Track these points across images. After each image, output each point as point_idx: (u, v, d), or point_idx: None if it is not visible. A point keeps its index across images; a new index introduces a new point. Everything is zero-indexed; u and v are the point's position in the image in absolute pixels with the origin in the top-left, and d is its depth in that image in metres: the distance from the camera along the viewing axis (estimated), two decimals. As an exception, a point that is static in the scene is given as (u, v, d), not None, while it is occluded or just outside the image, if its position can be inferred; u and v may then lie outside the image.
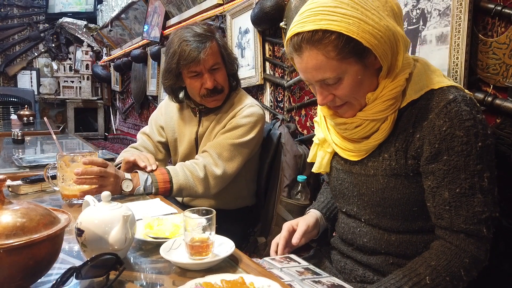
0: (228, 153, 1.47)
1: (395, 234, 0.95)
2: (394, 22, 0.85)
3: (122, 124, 5.26)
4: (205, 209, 0.84)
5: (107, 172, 1.23)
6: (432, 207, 0.87)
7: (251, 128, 1.51)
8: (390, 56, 0.86)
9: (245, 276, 0.73)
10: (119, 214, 0.79)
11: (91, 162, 1.21)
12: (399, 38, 0.85)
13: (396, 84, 0.88)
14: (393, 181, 0.92)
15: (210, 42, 1.46)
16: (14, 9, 6.02)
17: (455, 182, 0.83)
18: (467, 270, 0.83)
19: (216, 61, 1.48)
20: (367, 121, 0.91)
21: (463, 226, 0.83)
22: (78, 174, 1.17)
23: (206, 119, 1.60)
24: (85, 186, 1.21)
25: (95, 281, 0.73)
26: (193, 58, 1.43)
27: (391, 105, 0.89)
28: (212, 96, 1.51)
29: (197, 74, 1.48)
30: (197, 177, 1.41)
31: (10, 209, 0.65)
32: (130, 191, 1.29)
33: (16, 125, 3.75)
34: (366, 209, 0.99)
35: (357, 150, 0.96)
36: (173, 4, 3.11)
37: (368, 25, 0.81)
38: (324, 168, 1.10)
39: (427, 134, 0.85)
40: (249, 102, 1.56)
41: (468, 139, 0.82)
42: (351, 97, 0.91)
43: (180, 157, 1.67)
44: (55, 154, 2.05)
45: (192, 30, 1.47)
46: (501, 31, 1.05)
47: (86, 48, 5.78)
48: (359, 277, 1.01)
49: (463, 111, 0.82)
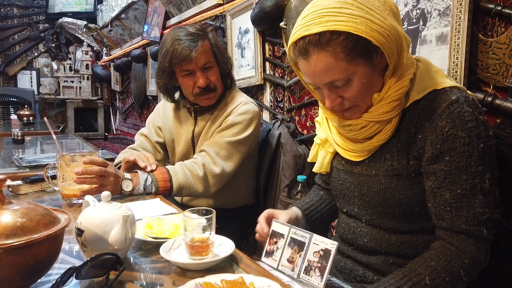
0: (225, 152, 1.48)
1: (396, 235, 0.95)
2: (395, 21, 0.85)
3: (122, 124, 5.26)
4: (205, 209, 0.84)
5: (107, 172, 1.23)
6: (433, 208, 0.87)
7: (247, 125, 1.52)
8: (396, 54, 0.86)
9: (245, 276, 0.73)
10: (119, 214, 0.79)
11: (91, 161, 1.21)
12: (402, 36, 0.85)
13: (402, 85, 0.88)
14: (394, 182, 0.92)
15: (202, 40, 1.47)
16: (14, 9, 6.02)
17: (456, 183, 0.83)
18: (467, 271, 0.83)
19: (208, 59, 1.49)
20: (372, 123, 0.91)
21: (463, 227, 0.83)
22: (78, 173, 1.18)
23: (201, 119, 1.61)
24: (85, 185, 1.21)
25: (95, 281, 0.73)
26: (184, 56, 1.44)
27: (396, 106, 0.88)
28: (205, 94, 1.52)
29: (189, 72, 1.49)
30: (196, 176, 1.42)
31: (10, 209, 0.65)
32: (130, 190, 1.29)
33: (16, 125, 3.75)
34: (367, 210, 0.98)
35: (360, 151, 0.96)
36: (173, 4, 3.11)
37: (375, 24, 0.81)
38: (325, 168, 1.10)
39: (429, 135, 0.85)
40: (244, 100, 1.57)
41: (470, 140, 0.82)
42: (360, 99, 0.89)
43: (178, 157, 1.68)
44: (55, 154, 2.05)
45: (185, 30, 1.49)
46: (501, 31, 1.05)
47: (86, 48, 5.78)
48: (359, 277, 1.01)
49: (465, 112, 0.82)
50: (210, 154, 1.46)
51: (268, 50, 2.07)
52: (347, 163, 1.02)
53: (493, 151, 0.84)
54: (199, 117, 1.62)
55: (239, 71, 2.29)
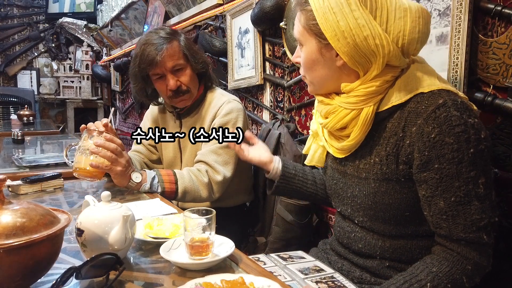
0: (222, 157, 1.49)
1: (389, 240, 0.94)
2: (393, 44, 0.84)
3: (122, 124, 5.26)
4: (205, 209, 0.84)
5: (122, 154, 1.28)
6: (429, 216, 0.85)
7: (234, 124, 1.53)
8: (359, 59, 0.86)
9: (245, 276, 0.73)
10: (119, 214, 0.79)
11: (111, 139, 1.26)
12: (378, 53, 0.84)
13: (372, 84, 0.87)
14: (384, 186, 0.90)
15: (169, 44, 1.48)
16: (14, 9, 6.02)
17: (449, 191, 0.81)
18: (469, 277, 0.82)
19: (176, 62, 1.49)
20: (341, 108, 0.91)
21: (462, 235, 0.81)
22: (97, 144, 1.23)
23: (185, 122, 1.63)
24: (99, 160, 1.23)
25: (95, 281, 0.73)
26: (150, 60, 1.45)
27: (361, 101, 0.88)
28: (178, 96, 1.53)
29: (160, 76, 1.51)
30: (201, 181, 1.43)
31: (10, 209, 0.65)
32: (137, 184, 1.31)
33: (16, 125, 3.74)
34: (359, 211, 0.98)
35: (340, 149, 0.97)
36: (173, 4, 3.10)
37: (338, 22, 0.83)
38: (315, 161, 1.11)
39: (416, 141, 0.83)
40: (225, 99, 1.57)
41: (459, 146, 0.79)
42: (306, 71, 0.96)
43: (166, 161, 1.69)
44: (55, 154, 2.05)
45: (156, 34, 1.51)
46: (501, 31, 1.05)
47: (86, 48, 5.77)
48: (356, 278, 1.00)
49: (452, 116, 0.79)
50: (209, 163, 1.48)
51: (268, 50, 2.07)
52: (340, 163, 1.02)
53: (486, 155, 0.81)
54: (183, 120, 1.63)
55: (239, 71, 2.29)
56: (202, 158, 1.50)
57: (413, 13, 0.84)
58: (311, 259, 1.06)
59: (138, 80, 1.54)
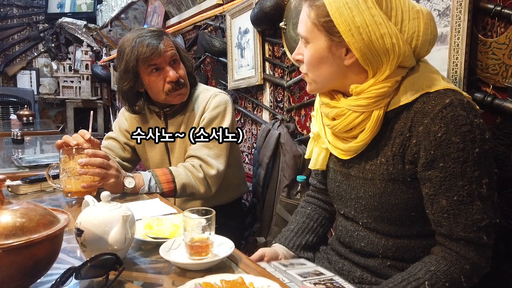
0: (214, 151, 1.49)
1: (393, 239, 0.94)
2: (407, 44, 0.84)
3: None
4: (205, 209, 0.84)
5: (109, 165, 1.24)
6: (431, 214, 0.86)
7: (223, 116, 1.53)
8: (372, 58, 0.85)
9: (245, 276, 0.73)
10: (118, 214, 0.79)
11: (93, 154, 1.21)
12: (392, 51, 0.84)
13: (384, 85, 0.86)
14: (390, 186, 0.90)
15: (165, 36, 1.48)
16: (14, 9, 6.01)
17: (452, 190, 0.81)
18: (467, 276, 0.82)
19: (175, 52, 1.48)
20: (350, 112, 0.90)
21: (462, 234, 0.82)
22: (81, 163, 1.18)
23: (172, 122, 1.59)
24: (88, 178, 1.20)
25: (94, 281, 0.73)
26: (152, 49, 1.41)
27: (372, 103, 0.87)
28: (178, 89, 1.48)
29: (157, 68, 1.45)
30: (197, 177, 1.43)
31: (9, 209, 0.65)
32: (133, 189, 1.29)
33: (15, 125, 3.74)
34: (363, 213, 0.98)
35: (346, 150, 0.96)
36: (172, 4, 3.10)
37: (353, 17, 0.82)
38: (319, 165, 1.10)
39: (423, 140, 0.84)
40: (212, 93, 1.57)
41: (464, 145, 0.80)
42: (310, 70, 0.93)
43: (153, 163, 1.65)
44: (54, 154, 2.05)
45: (145, 30, 1.49)
46: (500, 31, 1.05)
47: (86, 48, 5.77)
48: (357, 278, 1.00)
49: (459, 115, 0.80)
50: (202, 157, 1.47)
51: (268, 50, 2.07)
52: (343, 165, 1.01)
53: (490, 155, 0.82)
54: (170, 121, 1.59)
55: (239, 71, 2.29)
56: (194, 153, 1.48)
57: (425, 15, 0.86)
58: (311, 265, 1.05)
59: (129, 77, 1.45)
